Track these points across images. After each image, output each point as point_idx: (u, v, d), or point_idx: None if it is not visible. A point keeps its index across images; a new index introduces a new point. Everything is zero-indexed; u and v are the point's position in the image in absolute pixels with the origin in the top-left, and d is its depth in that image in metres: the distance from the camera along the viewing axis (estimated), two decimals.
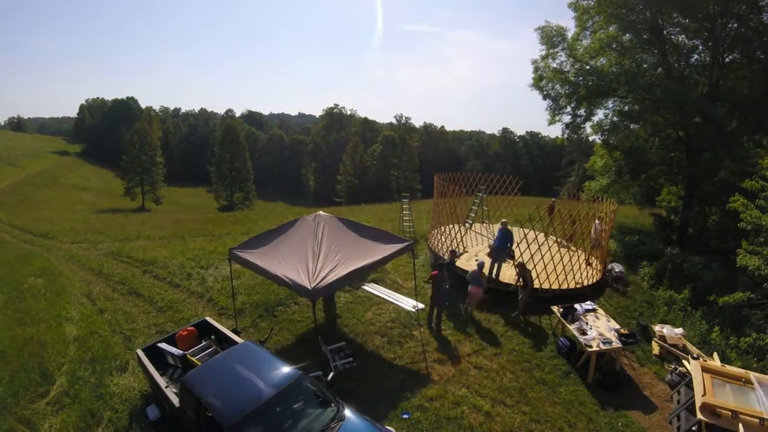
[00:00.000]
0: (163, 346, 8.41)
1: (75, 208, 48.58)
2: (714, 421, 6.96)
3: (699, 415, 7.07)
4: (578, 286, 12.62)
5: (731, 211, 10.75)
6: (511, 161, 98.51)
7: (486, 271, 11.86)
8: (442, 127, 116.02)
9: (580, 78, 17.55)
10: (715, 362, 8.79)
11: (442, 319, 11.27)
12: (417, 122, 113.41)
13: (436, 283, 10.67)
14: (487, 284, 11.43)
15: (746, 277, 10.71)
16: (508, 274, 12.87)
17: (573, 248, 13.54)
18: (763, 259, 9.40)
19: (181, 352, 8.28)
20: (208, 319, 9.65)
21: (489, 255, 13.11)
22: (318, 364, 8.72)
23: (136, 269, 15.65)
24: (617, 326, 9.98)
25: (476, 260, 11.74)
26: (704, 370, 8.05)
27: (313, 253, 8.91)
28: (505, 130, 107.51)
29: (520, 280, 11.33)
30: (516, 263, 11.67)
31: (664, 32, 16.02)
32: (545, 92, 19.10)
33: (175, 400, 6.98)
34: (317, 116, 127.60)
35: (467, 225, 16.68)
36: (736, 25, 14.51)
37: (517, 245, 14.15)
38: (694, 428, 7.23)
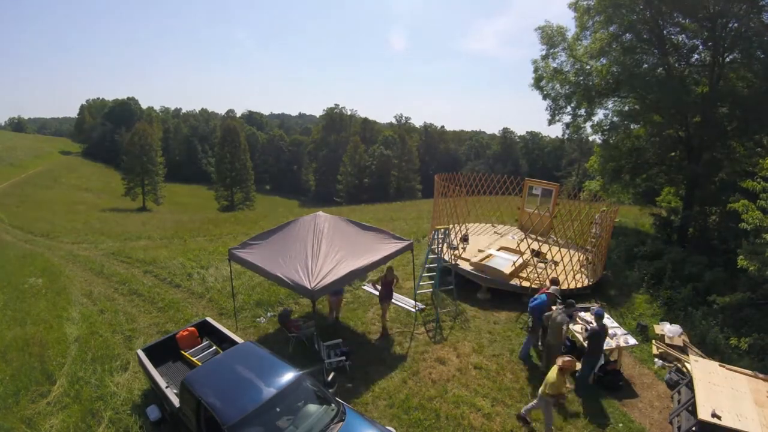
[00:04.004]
0: None
1: (76, 209, 48.60)
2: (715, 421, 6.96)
3: (699, 416, 7.06)
4: (578, 286, 12.64)
5: (731, 211, 10.74)
6: (511, 161, 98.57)
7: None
8: (442, 127, 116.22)
9: (581, 78, 17.55)
10: (715, 362, 8.79)
11: (441, 318, 11.30)
12: (417, 122, 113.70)
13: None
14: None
15: (746, 277, 10.70)
16: (509, 273, 12.86)
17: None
18: (762, 261, 9.39)
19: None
20: (209, 319, 9.68)
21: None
22: (316, 361, 8.74)
23: (136, 269, 15.69)
24: (617, 325, 9.98)
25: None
26: (704, 370, 8.08)
27: (313, 253, 8.92)
28: (505, 130, 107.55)
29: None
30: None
31: (664, 32, 16.00)
32: (545, 92, 19.09)
33: (176, 401, 6.99)
34: (318, 116, 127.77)
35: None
36: (736, 25, 14.49)
37: (518, 245, 14.17)
38: (694, 429, 7.23)
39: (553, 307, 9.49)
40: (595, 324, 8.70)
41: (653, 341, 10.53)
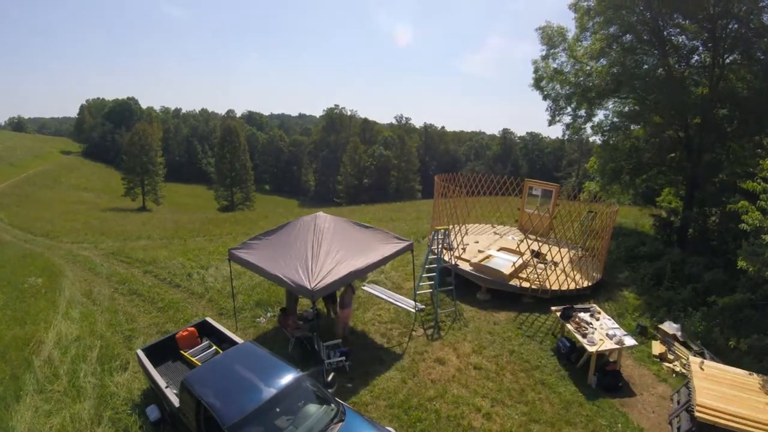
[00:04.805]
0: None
1: (75, 208, 48.57)
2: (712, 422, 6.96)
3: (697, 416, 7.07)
4: (578, 287, 12.64)
5: (731, 212, 10.74)
6: (511, 162, 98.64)
7: None
8: (443, 127, 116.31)
9: (581, 79, 17.55)
10: (714, 362, 8.80)
11: (440, 319, 11.30)
12: (417, 122, 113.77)
13: None
14: None
15: (746, 278, 10.69)
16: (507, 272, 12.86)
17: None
18: (763, 262, 9.37)
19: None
20: (209, 319, 9.68)
21: None
22: (315, 361, 8.75)
23: (136, 269, 15.68)
24: (617, 326, 9.99)
25: None
26: (701, 370, 8.10)
27: (313, 253, 8.91)
28: (505, 131, 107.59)
29: None
30: None
31: (665, 33, 15.99)
32: (545, 92, 19.08)
33: (176, 401, 6.99)
34: (318, 117, 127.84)
35: None
36: (736, 26, 14.49)
37: (518, 245, 14.19)
38: (693, 429, 7.24)
39: None
40: None
41: (654, 342, 10.55)
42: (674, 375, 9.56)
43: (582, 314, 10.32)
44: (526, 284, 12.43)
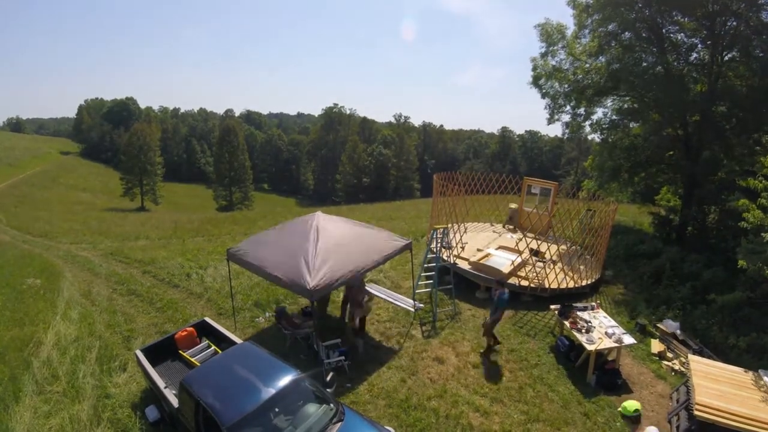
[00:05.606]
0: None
1: (74, 209, 48.53)
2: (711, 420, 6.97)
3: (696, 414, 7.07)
4: (577, 285, 12.65)
5: (730, 210, 10.77)
6: (510, 160, 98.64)
7: None
8: (441, 126, 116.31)
9: (579, 76, 17.54)
10: (713, 361, 8.81)
11: (439, 318, 11.30)
12: (416, 121, 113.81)
13: None
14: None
15: (746, 276, 10.71)
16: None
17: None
18: (763, 260, 9.38)
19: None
20: (208, 319, 9.66)
21: None
22: (314, 360, 8.74)
23: (135, 269, 15.66)
24: (616, 324, 9.99)
25: None
26: (701, 368, 8.10)
27: (312, 253, 8.89)
28: (504, 129, 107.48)
29: None
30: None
31: (663, 30, 15.99)
32: (544, 90, 19.03)
33: (175, 401, 6.98)
34: (316, 116, 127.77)
35: None
36: (735, 23, 14.49)
37: (516, 244, 14.18)
38: (692, 428, 7.24)
39: None
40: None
41: (658, 339, 10.56)
42: (673, 373, 9.58)
43: (581, 312, 10.32)
44: (524, 283, 12.43)
